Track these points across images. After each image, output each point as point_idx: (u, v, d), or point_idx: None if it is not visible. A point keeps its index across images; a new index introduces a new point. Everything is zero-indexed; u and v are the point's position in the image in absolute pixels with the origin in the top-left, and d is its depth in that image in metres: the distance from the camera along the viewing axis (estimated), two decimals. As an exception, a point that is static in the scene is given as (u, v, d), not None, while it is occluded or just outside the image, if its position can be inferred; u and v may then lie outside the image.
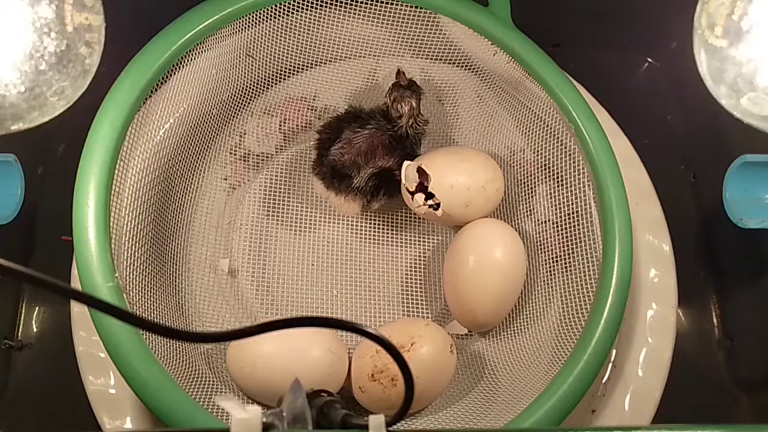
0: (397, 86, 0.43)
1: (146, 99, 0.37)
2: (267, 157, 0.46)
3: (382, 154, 0.42)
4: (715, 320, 0.49)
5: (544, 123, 0.43)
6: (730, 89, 0.23)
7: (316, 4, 0.41)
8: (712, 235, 0.50)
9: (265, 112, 0.46)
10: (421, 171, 0.42)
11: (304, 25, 0.43)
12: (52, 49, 0.21)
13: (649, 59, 0.55)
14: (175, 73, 0.38)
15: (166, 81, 0.38)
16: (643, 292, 0.42)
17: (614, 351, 0.41)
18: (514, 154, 0.46)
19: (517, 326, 0.42)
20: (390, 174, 0.42)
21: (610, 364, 0.41)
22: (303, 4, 0.41)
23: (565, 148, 0.42)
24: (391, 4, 0.41)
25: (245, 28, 0.40)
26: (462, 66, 0.45)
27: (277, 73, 0.45)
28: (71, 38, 0.21)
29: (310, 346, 0.37)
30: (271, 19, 0.41)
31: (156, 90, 0.37)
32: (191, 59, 0.39)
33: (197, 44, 0.38)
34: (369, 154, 0.42)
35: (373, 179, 0.42)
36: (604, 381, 0.40)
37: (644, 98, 0.54)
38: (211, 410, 0.33)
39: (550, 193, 0.44)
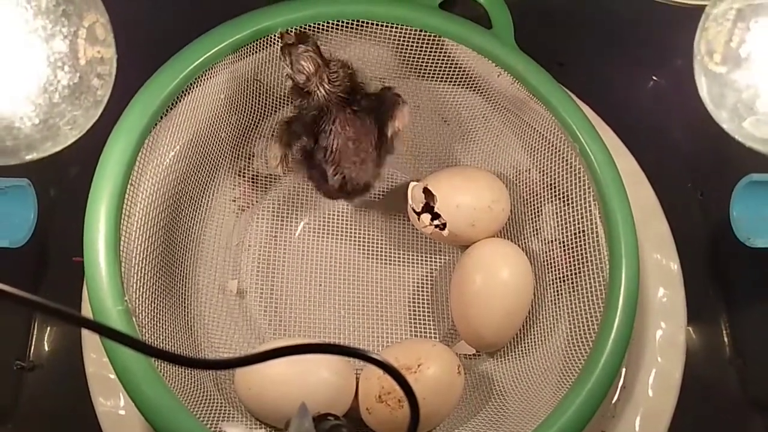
0: (287, 48, 0.38)
1: (155, 124, 0.37)
2: (275, 178, 0.47)
3: (362, 134, 0.38)
4: (725, 339, 0.48)
5: (549, 143, 0.43)
6: (731, 114, 0.23)
7: (323, 28, 0.42)
8: (721, 252, 0.50)
9: (273, 134, 0.46)
10: (427, 191, 0.42)
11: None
12: (65, 82, 0.22)
13: (654, 77, 0.55)
14: (183, 99, 0.39)
15: (174, 106, 0.39)
16: (652, 311, 0.42)
17: (624, 371, 0.40)
18: (519, 174, 0.46)
19: (524, 346, 0.42)
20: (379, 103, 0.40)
21: (620, 385, 0.40)
22: (310, 29, 0.42)
23: (571, 167, 0.42)
24: (397, 27, 0.42)
25: (253, 52, 0.41)
26: (466, 87, 0.45)
27: (284, 95, 0.45)
28: (84, 71, 0.22)
29: (318, 368, 0.37)
30: (278, 44, 0.42)
31: (165, 115, 0.38)
32: (200, 84, 0.40)
33: (206, 70, 0.39)
34: (358, 157, 0.39)
35: (377, 148, 0.40)
36: (613, 402, 0.40)
37: (650, 116, 0.54)
38: (219, 433, 0.33)
39: (557, 213, 0.44)
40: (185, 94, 0.39)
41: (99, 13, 0.22)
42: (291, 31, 0.38)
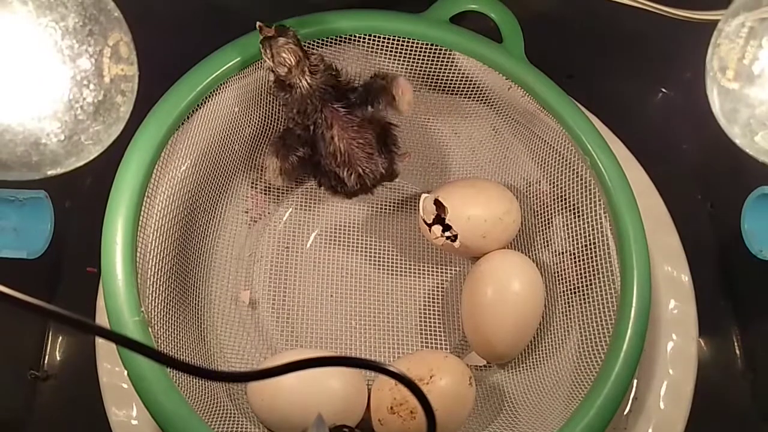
0: (267, 41, 0.37)
1: (171, 137, 0.38)
2: (287, 190, 0.47)
3: (362, 129, 0.40)
4: (737, 351, 0.48)
5: (559, 155, 0.43)
6: (743, 129, 0.23)
7: (335, 42, 0.43)
8: (732, 264, 0.50)
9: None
10: (438, 203, 0.42)
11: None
12: (90, 100, 0.22)
13: (663, 89, 0.56)
14: (198, 111, 0.40)
15: (189, 118, 0.39)
16: (663, 323, 0.42)
17: (635, 383, 0.40)
18: (530, 186, 0.46)
19: (535, 358, 0.42)
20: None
21: (631, 397, 0.40)
22: (323, 42, 0.42)
23: (581, 179, 0.42)
24: (409, 41, 0.42)
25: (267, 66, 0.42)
26: (477, 100, 0.46)
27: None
28: (108, 88, 0.22)
29: (330, 379, 0.37)
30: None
31: (180, 128, 0.39)
32: (214, 98, 0.40)
33: (221, 84, 0.39)
34: (365, 153, 0.40)
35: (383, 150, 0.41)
36: (625, 414, 0.40)
37: (659, 128, 0.54)
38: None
39: (567, 225, 0.44)
40: (200, 107, 0.39)
41: (123, 33, 0.23)
42: (271, 25, 0.38)
